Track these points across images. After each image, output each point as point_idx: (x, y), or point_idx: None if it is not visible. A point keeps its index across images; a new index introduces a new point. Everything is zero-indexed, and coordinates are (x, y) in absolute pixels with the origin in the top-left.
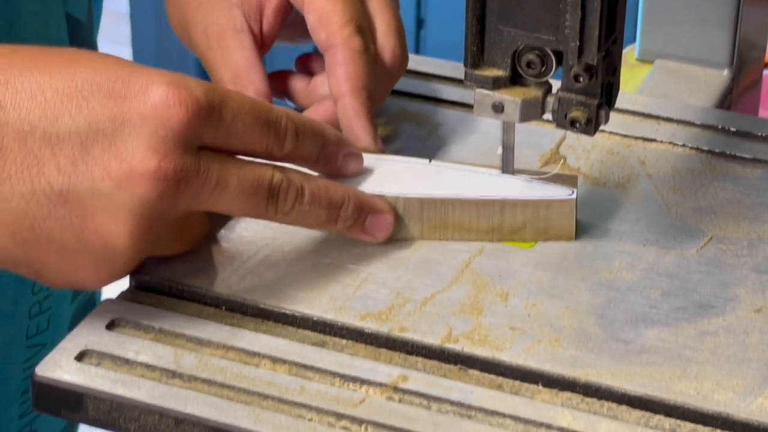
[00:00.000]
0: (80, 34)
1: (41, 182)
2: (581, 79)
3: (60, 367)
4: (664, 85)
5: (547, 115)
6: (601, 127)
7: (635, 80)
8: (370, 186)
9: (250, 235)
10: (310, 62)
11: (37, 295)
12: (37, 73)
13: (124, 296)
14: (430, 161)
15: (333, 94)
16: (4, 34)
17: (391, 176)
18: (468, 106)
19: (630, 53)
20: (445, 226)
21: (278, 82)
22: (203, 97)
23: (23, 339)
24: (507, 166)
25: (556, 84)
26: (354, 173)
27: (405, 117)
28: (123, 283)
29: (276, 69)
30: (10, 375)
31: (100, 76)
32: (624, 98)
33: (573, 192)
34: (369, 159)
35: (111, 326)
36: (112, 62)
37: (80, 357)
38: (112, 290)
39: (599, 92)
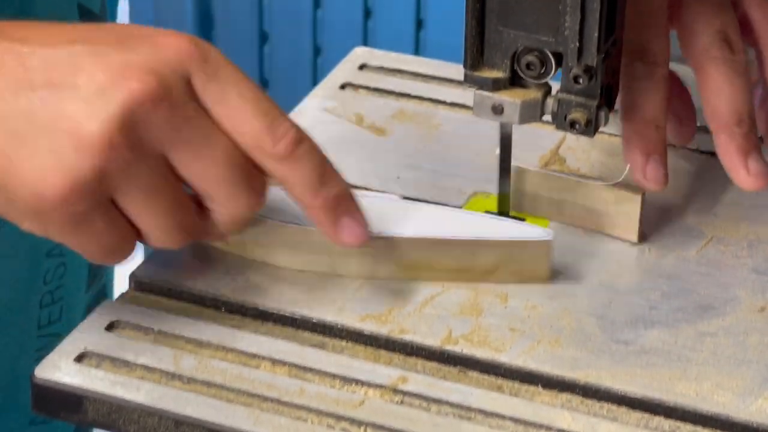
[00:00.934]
0: None
1: (24, 85)
2: (581, 81)
3: (59, 368)
4: None
5: (547, 117)
6: (601, 129)
7: None
8: None
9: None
10: None
11: (49, 285)
12: (57, 27)
13: (123, 298)
14: (401, 197)
15: None
16: None
17: None
18: (467, 108)
19: None
20: (414, 267)
21: None
22: (206, 45)
23: (35, 329)
24: (505, 167)
25: (555, 85)
26: (349, 243)
27: (404, 118)
28: (123, 285)
29: (276, 68)
30: (23, 365)
31: (116, 30)
32: None
33: (549, 233)
34: None
35: (110, 328)
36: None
37: (80, 359)
38: (120, 286)
39: (599, 93)
